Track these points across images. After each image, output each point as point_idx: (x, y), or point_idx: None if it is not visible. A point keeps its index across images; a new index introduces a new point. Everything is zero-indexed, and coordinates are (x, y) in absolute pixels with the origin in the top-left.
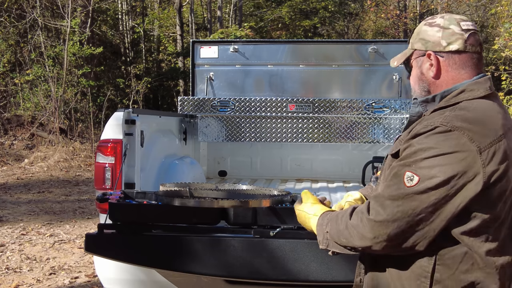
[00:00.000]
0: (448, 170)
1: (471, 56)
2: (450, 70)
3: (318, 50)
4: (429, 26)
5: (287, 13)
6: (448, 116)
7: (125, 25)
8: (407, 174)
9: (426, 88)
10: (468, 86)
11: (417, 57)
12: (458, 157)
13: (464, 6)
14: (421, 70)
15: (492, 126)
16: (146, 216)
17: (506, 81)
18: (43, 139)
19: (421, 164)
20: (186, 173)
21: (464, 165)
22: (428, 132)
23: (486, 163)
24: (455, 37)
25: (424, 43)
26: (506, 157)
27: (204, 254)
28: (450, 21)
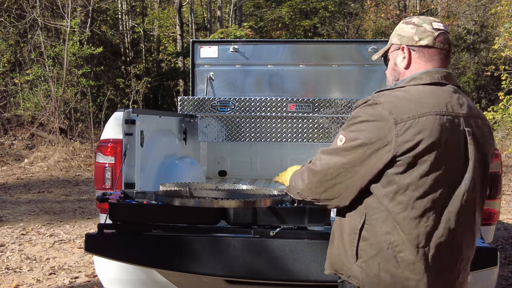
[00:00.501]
0: (367, 135)
1: (438, 52)
2: (419, 62)
3: (318, 50)
4: (405, 24)
5: (287, 13)
6: (382, 93)
7: (125, 25)
8: (340, 136)
9: (396, 78)
10: (417, 75)
11: (393, 51)
12: (377, 125)
13: (464, 6)
14: (395, 62)
15: (417, 105)
16: (146, 216)
17: (506, 81)
18: (43, 139)
19: (350, 128)
20: (186, 173)
21: (381, 132)
22: (362, 104)
23: (399, 133)
24: (426, 34)
25: (400, 38)
26: (420, 133)
27: (204, 254)
28: (424, 20)
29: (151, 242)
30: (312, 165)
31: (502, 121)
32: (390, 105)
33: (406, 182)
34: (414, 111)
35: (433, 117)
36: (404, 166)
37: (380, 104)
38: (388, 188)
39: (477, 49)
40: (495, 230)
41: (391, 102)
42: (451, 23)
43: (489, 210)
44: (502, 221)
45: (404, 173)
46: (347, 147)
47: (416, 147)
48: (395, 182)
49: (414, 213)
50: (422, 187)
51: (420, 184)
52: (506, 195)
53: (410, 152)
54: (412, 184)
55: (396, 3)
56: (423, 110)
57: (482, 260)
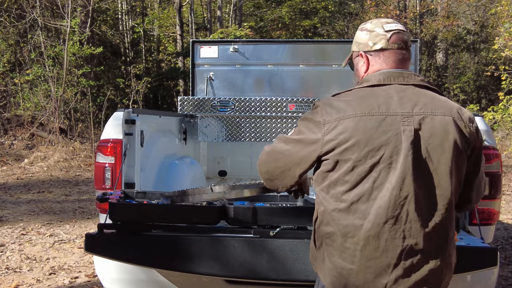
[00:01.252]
0: (304, 131)
1: (393, 52)
2: (375, 65)
3: (318, 50)
4: (360, 31)
5: (287, 13)
6: (327, 97)
7: (125, 25)
8: (292, 130)
9: (357, 81)
10: (367, 77)
11: (355, 57)
12: (310, 125)
13: (464, 6)
14: (356, 68)
15: (347, 107)
16: (146, 216)
17: (506, 81)
18: (43, 139)
19: (298, 123)
20: (186, 173)
21: (311, 131)
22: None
23: (326, 133)
24: (379, 38)
25: (357, 45)
26: (343, 133)
27: (204, 254)
28: (376, 25)
29: (151, 242)
30: (265, 147)
31: (502, 121)
32: (323, 107)
33: (334, 178)
34: (342, 112)
35: (357, 118)
36: (332, 164)
37: (318, 106)
38: (323, 183)
39: (477, 49)
40: (495, 230)
41: (326, 104)
42: (451, 23)
43: (489, 210)
44: (502, 221)
45: (332, 170)
46: (289, 138)
47: (339, 146)
48: (328, 177)
49: (342, 205)
50: (348, 182)
51: (346, 180)
52: (506, 195)
53: (334, 151)
54: (339, 180)
55: (396, 3)
56: (350, 112)
57: (482, 260)
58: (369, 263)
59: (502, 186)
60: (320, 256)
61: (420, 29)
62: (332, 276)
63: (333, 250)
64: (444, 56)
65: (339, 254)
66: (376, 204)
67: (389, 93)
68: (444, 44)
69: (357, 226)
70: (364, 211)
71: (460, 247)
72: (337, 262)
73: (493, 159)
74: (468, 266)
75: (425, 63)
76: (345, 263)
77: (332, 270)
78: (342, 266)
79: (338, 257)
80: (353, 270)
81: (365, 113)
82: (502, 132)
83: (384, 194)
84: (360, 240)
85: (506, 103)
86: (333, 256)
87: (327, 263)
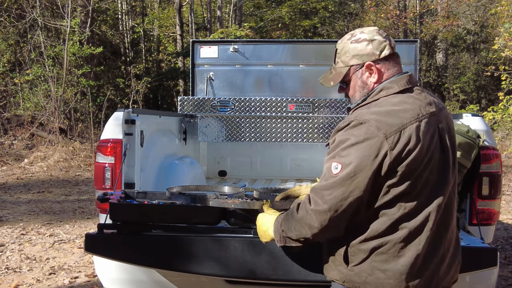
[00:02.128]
0: (363, 155)
1: (396, 56)
2: (386, 72)
3: (318, 50)
4: (357, 43)
5: (287, 13)
6: (361, 112)
7: (125, 25)
8: (333, 164)
9: (366, 93)
10: (385, 85)
11: (355, 71)
12: (369, 143)
13: (464, 6)
14: (362, 80)
15: (398, 116)
16: (146, 216)
17: (506, 81)
18: (43, 139)
19: (341, 153)
20: (186, 173)
21: (374, 149)
22: (346, 127)
23: (392, 147)
24: (383, 45)
25: (359, 58)
26: (410, 140)
27: (204, 254)
28: (372, 33)
29: (151, 242)
30: (314, 206)
31: (502, 121)
32: (375, 122)
33: (400, 191)
34: (398, 123)
35: (415, 125)
36: (399, 177)
37: (366, 122)
38: (384, 199)
39: (477, 49)
40: (495, 230)
41: (375, 118)
42: (451, 23)
43: (489, 210)
44: (502, 221)
45: (398, 183)
46: (347, 175)
47: (408, 157)
48: (390, 192)
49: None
50: (414, 190)
51: (412, 189)
52: (506, 195)
53: (403, 162)
54: (405, 192)
55: (396, 3)
56: (405, 121)
57: (482, 260)
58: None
59: (502, 186)
60: (364, 269)
61: (420, 29)
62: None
63: (388, 258)
64: (444, 56)
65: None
66: (435, 203)
67: (418, 96)
68: (444, 44)
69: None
70: (426, 211)
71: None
72: (395, 268)
73: (493, 159)
74: (468, 266)
75: (425, 63)
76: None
77: (389, 278)
78: (401, 271)
79: (396, 263)
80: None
81: (416, 118)
82: (502, 132)
83: (440, 194)
84: (421, 240)
85: (506, 103)
86: (388, 264)
87: (379, 273)
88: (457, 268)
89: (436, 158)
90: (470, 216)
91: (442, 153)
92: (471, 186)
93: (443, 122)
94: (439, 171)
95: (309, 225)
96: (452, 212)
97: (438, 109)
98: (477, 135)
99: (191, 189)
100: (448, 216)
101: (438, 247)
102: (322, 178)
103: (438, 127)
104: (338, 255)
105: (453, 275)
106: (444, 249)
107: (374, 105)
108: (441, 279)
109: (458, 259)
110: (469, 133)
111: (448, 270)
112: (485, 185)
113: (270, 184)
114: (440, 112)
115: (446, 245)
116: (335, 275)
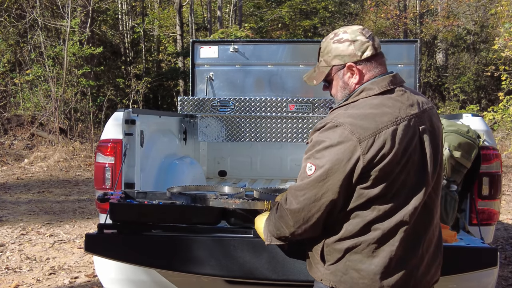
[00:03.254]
0: (335, 158)
1: (380, 56)
2: (368, 73)
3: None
4: (339, 43)
5: (287, 13)
6: (338, 114)
7: (125, 25)
8: (308, 165)
9: (347, 94)
10: (366, 86)
11: (337, 71)
12: (343, 147)
13: (464, 6)
14: (343, 81)
15: (375, 119)
16: (146, 216)
17: (506, 81)
18: (43, 139)
19: (316, 155)
20: (186, 173)
21: (347, 153)
22: (322, 128)
23: (365, 151)
24: (365, 46)
25: (340, 58)
26: (384, 145)
27: (204, 254)
28: (354, 33)
29: (151, 242)
30: (289, 206)
31: (502, 121)
32: (350, 126)
33: (374, 194)
34: (373, 127)
35: (391, 129)
36: (372, 180)
37: (341, 126)
38: (358, 201)
39: (477, 49)
40: (495, 230)
41: (350, 122)
42: (451, 23)
43: (489, 211)
44: (502, 221)
45: (372, 186)
46: (320, 177)
47: (382, 161)
48: (364, 195)
49: (381, 215)
50: (389, 193)
51: (386, 192)
52: (506, 195)
53: (376, 167)
54: (379, 193)
55: (396, 3)
56: (381, 125)
57: (482, 260)
58: (405, 260)
59: (502, 186)
60: (339, 268)
61: (420, 29)
62: (363, 284)
63: (362, 258)
64: (444, 56)
65: (370, 260)
66: (411, 205)
67: (398, 98)
68: (444, 44)
69: (393, 228)
70: (401, 213)
71: (460, 247)
72: (369, 268)
73: (493, 159)
74: (468, 266)
75: (425, 63)
76: (377, 267)
77: (363, 278)
78: (374, 271)
79: (369, 263)
80: (389, 271)
81: (394, 121)
82: (502, 132)
83: (417, 196)
84: (395, 241)
85: (506, 103)
86: (362, 264)
87: (353, 273)
88: (438, 269)
89: (414, 160)
90: (470, 216)
91: (422, 155)
92: (471, 186)
93: (425, 124)
94: (417, 173)
95: (286, 224)
96: (432, 213)
97: (421, 110)
98: (477, 135)
99: (191, 189)
100: (427, 217)
101: (416, 248)
102: (299, 177)
103: (419, 129)
104: (315, 254)
105: (434, 275)
106: (423, 250)
107: (352, 106)
108: (420, 280)
109: (439, 260)
110: (469, 133)
111: (427, 270)
112: (485, 185)
113: (270, 184)
114: (424, 113)
115: (425, 245)
116: (314, 273)
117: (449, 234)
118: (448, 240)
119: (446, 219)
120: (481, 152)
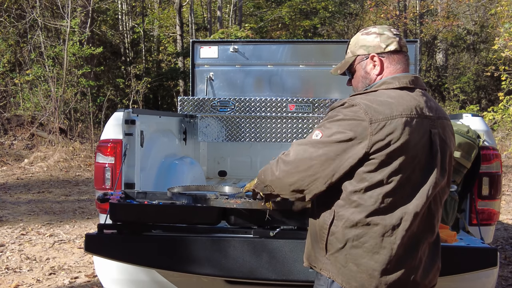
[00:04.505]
0: (344, 131)
1: (403, 55)
2: (390, 66)
3: (318, 50)
4: (366, 35)
5: (287, 13)
6: (356, 96)
7: (125, 25)
8: (316, 132)
9: (367, 84)
10: (387, 79)
11: (361, 61)
12: (354, 123)
13: (464, 6)
14: (365, 70)
15: (390, 107)
16: (146, 216)
17: (506, 81)
18: (43, 139)
19: (326, 125)
20: (186, 173)
21: (357, 130)
22: (339, 106)
23: (373, 132)
24: (390, 40)
25: (365, 48)
26: (392, 133)
27: (204, 254)
28: (383, 29)
29: (151, 242)
30: (284, 156)
31: (502, 121)
32: (365, 106)
33: (377, 179)
34: (387, 113)
35: (404, 120)
36: (376, 164)
37: (357, 105)
38: (360, 185)
39: (477, 50)
40: (495, 230)
41: (366, 104)
42: (451, 23)
43: (489, 211)
44: (502, 221)
45: (375, 171)
46: (323, 141)
47: (388, 146)
48: (367, 179)
49: (382, 206)
50: (392, 183)
51: (390, 181)
52: (506, 195)
53: (382, 151)
54: (382, 181)
55: (396, 3)
56: (395, 113)
57: (482, 260)
58: (401, 264)
59: (502, 186)
60: (339, 260)
61: (420, 29)
62: (361, 278)
63: (362, 252)
64: (444, 56)
65: (371, 255)
66: (413, 204)
67: (416, 97)
68: (444, 44)
69: (395, 225)
70: (402, 210)
71: (460, 248)
72: (368, 263)
73: (493, 159)
74: (468, 266)
75: (425, 64)
76: (377, 264)
77: (361, 272)
78: (374, 267)
79: (369, 258)
80: (388, 269)
81: (408, 114)
82: (502, 132)
83: (420, 195)
84: (397, 239)
85: (506, 103)
86: (362, 259)
87: (352, 266)
88: (436, 274)
89: (421, 159)
90: (470, 216)
91: (430, 156)
92: (471, 186)
93: (438, 129)
94: (423, 173)
95: (271, 171)
96: (435, 218)
97: (436, 116)
98: (477, 135)
99: (191, 189)
100: (429, 222)
101: (416, 250)
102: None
103: (431, 131)
104: (321, 240)
105: (432, 280)
106: (421, 253)
107: (371, 94)
108: (418, 282)
109: (437, 265)
110: (469, 133)
111: (425, 274)
112: (485, 185)
113: None
114: (438, 119)
115: (423, 249)
116: (314, 261)
117: (449, 234)
118: (448, 240)
119: (446, 219)
120: (481, 152)
